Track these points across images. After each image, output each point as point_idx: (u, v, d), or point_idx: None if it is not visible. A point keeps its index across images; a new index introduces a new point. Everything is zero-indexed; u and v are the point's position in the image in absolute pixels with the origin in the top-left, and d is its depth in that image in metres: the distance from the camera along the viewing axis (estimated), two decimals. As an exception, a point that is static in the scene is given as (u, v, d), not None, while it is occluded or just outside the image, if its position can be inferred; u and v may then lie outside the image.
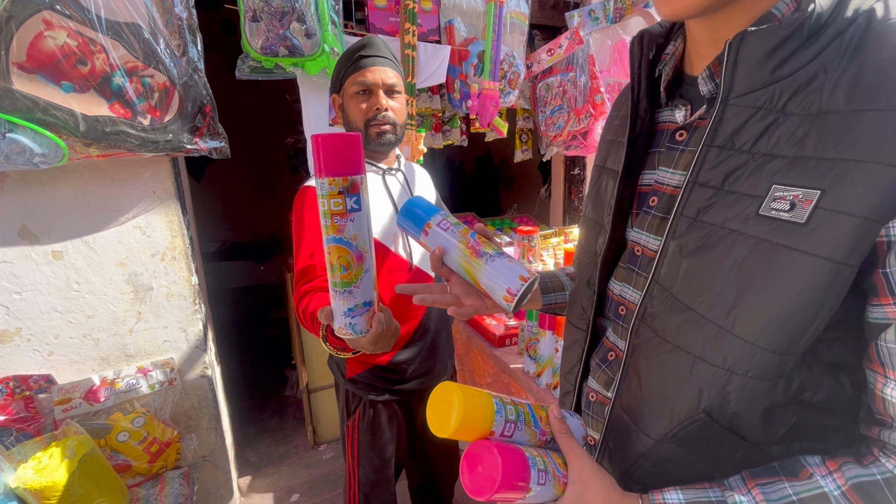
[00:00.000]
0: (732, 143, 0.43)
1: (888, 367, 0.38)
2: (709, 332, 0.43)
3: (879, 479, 0.38)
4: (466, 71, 1.82)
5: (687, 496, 0.44)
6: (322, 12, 1.50)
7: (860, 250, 0.35)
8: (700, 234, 0.44)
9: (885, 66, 0.35)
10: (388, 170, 1.17)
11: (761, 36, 0.40)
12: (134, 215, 1.43)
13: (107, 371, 1.47)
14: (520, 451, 0.47)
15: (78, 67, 1.20)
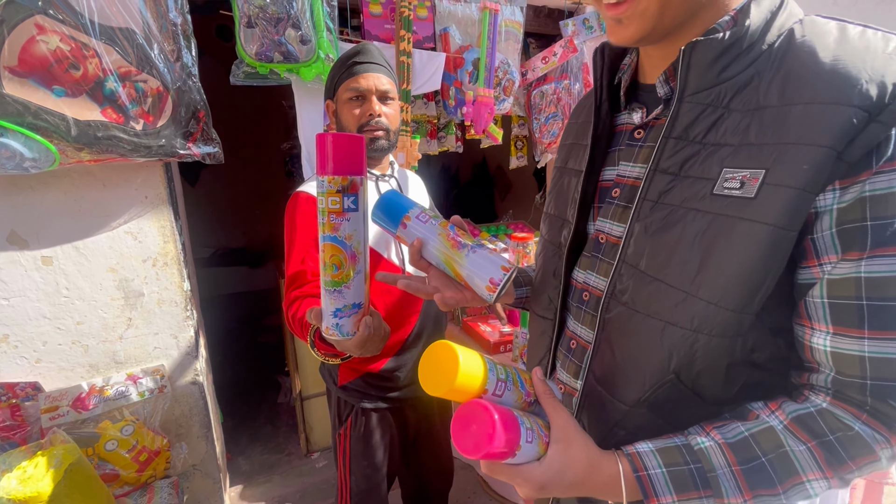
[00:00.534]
0: (687, 134, 0.50)
1: (814, 319, 0.46)
2: (676, 298, 0.49)
3: (813, 411, 0.46)
4: (461, 78, 1.83)
5: (655, 444, 0.50)
6: (317, 19, 1.50)
7: (799, 218, 0.43)
8: (662, 215, 0.50)
9: (805, 71, 0.44)
10: (381, 176, 1.17)
11: (709, 45, 0.48)
12: (125, 220, 1.42)
13: (96, 378, 1.44)
14: (509, 410, 0.48)
15: (70, 72, 1.20)
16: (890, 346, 0.42)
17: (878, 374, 0.43)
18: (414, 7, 1.66)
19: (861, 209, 0.42)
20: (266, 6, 1.41)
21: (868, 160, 0.41)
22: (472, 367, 0.47)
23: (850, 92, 0.41)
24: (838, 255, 0.43)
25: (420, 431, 1.30)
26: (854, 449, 0.44)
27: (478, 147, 2.28)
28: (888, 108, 0.40)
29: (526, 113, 2.20)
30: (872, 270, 0.42)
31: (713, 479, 0.46)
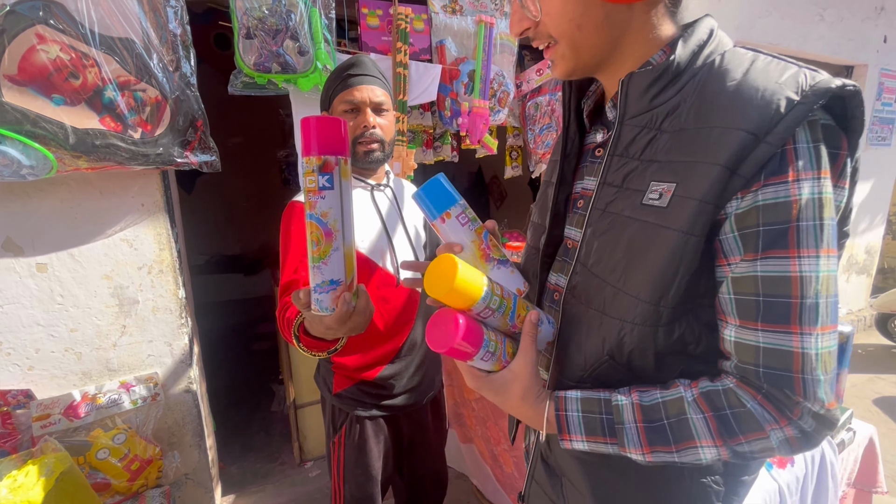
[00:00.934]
0: (627, 152, 0.57)
1: (726, 313, 0.51)
2: (609, 293, 0.56)
3: (720, 389, 0.52)
4: (457, 89, 1.85)
5: (584, 393, 0.58)
6: (315, 30, 1.52)
7: (700, 224, 0.49)
8: (607, 221, 0.58)
9: (715, 98, 0.50)
10: (376, 185, 1.18)
11: (642, 76, 0.55)
12: (121, 228, 1.42)
13: (88, 386, 1.44)
14: (480, 329, 0.57)
15: (70, 81, 1.21)
16: (779, 338, 0.48)
17: (769, 362, 0.49)
18: (411, 20, 1.69)
19: (755, 216, 0.47)
20: (265, 18, 1.44)
21: (759, 174, 0.47)
22: (464, 290, 0.54)
23: (742, 117, 0.47)
24: (740, 256, 0.49)
25: (414, 440, 1.30)
26: (745, 424, 0.50)
27: (473, 156, 2.30)
28: (773, 131, 0.46)
29: (521, 124, 2.22)
30: (766, 270, 0.48)
31: (619, 430, 0.54)
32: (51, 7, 1.18)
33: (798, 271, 0.47)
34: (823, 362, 0.48)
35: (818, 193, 0.46)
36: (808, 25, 3.05)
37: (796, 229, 0.46)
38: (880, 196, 3.97)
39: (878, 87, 3.58)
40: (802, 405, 0.48)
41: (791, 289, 0.47)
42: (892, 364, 3.41)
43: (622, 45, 0.56)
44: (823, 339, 0.47)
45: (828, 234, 0.47)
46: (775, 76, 0.48)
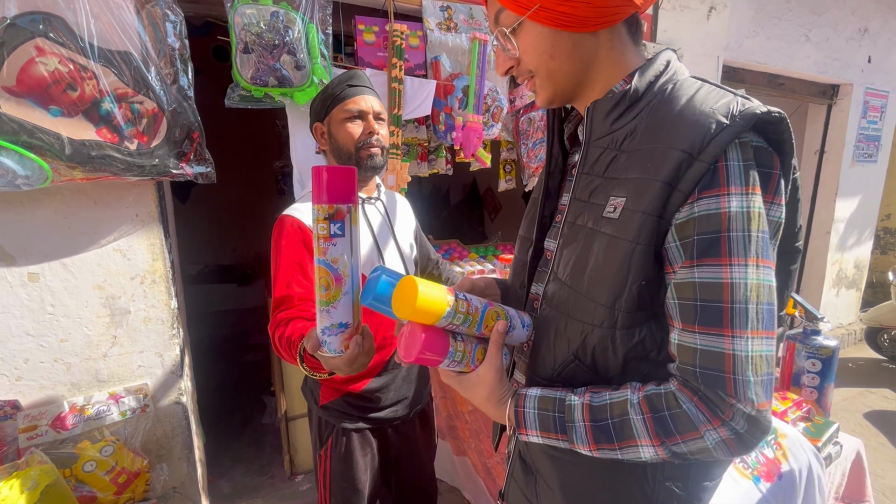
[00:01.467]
0: (593, 170, 0.63)
1: (672, 317, 0.56)
2: (574, 298, 0.61)
3: (662, 392, 0.56)
4: (451, 104, 1.88)
5: (542, 392, 0.63)
6: (312, 46, 1.55)
7: (644, 233, 0.54)
8: (574, 233, 0.63)
9: (661, 121, 0.56)
10: (367, 198, 1.19)
11: (604, 102, 0.61)
12: (115, 238, 1.42)
13: (77, 397, 1.42)
14: (446, 342, 0.61)
15: (67, 93, 1.22)
16: (712, 340, 0.52)
17: (704, 363, 0.52)
18: (406, 36, 1.72)
19: (692, 226, 0.52)
20: (262, 33, 1.46)
21: (694, 189, 0.52)
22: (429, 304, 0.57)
23: (680, 138, 0.53)
24: (681, 263, 0.54)
25: (402, 453, 1.29)
26: (680, 424, 0.53)
27: (468, 170, 2.33)
28: (705, 150, 0.51)
29: (514, 138, 2.26)
30: (702, 276, 0.52)
31: (569, 427, 0.59)
32: (51, 20, 1.19)
33: (729, 278, 0.51)
34: (754, 364, 0.51)
35: (747, 207, 0.51)
36: (794, 46, 3.14)
37: (727, 239, 0.51)
38: (867, 211, 4.04)
39: (863, 105, 3.67)
40: (734, 406, 0.51)
41: (723, 294, 0.51)
42: (882, 378, 3.43)
43: (592, 73, 0.63)
44: (754, 343, 0.51)
45: (756, 245, 0.51)
46: (711, 102, 0.54)
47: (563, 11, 0.56)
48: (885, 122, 3.87)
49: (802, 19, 3.13)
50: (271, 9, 1.48)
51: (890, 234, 4.91)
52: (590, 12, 0.56)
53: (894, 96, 3.88)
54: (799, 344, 1.50)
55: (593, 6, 0.55)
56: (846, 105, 3.61)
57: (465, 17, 1.88)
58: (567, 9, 0.55)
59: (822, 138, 3.75)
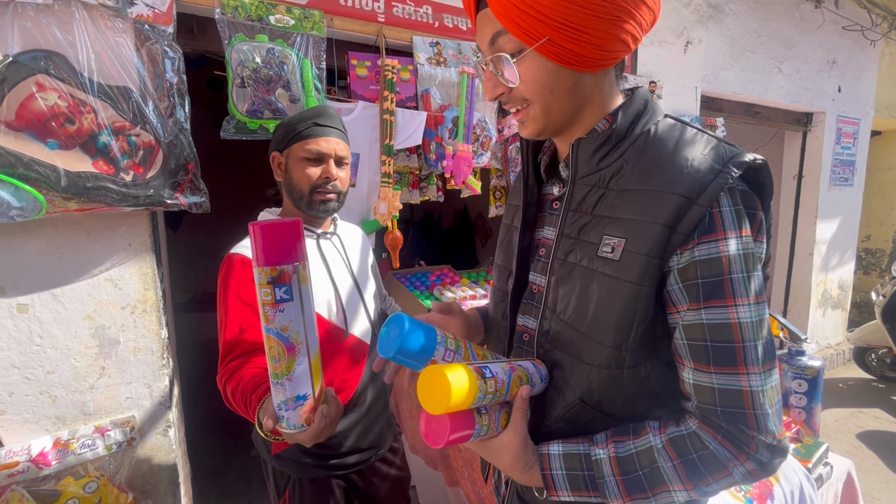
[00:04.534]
0: (581, 207, 0.64)
1: (682, 357, 0.57)
2: (578, 339, 0.61)
3: (685, 434, 0.57)
4: (442, 134, 1.94)
5: (565, 448, 0.62)
6: (307, 80, 1.61)
7: (648, 276, 0.56)
8: (567, 270, 0.64)
9: (653, 164, 0.58)
10: (322, 234, 1.15)
11: (589, 141, 0.63)
12: (107, 268, 1.42)
13: (61, 431, 1.39)
14: (472, 421, 0.58)
15: (66, 126, 1.25)
16: (729, 378, 0.54)
17: (724, 401, 0.54)
18: (397, 70, 1.79)
19: (694, 270, 0.54)
20: (259, 69, 1.52)
21: (693, 233, 0.54)
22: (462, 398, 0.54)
23: (678, 183, 0.55)
24: (686, 305, 0.56)
25: (373, 495, 1.20)
26: (710, 465, 0.55)
27: (459, 196, 2.38)
28: (703, 195, 0.53)
29: (503, 166, 2.32)
30: (710, 318, 0.54)
31: (601, 483, 0.59)
32: (52, 57, 1.23)
33: (736, 318, 0.53)
34: (769, 397, 0.54)
35: (743, 249, 0.54)
36: (767, 77, 3.29)
37: (730, 281, 0.53)
38: (847, 233, 4.15)
39: (836, 132, 3.83)
40: (757, 438, 0.54)
41: (732, 334, 0.53)
42: (873, 397, 3.46)
43: (582, 111, 0.64)
44: (766, 377, 0.54)
45: (755, 284, 0.54)
46: (700, 148, 0.57)
47: (571, 49, 0.55)
48: (858, 147, 4.04)
49: (774, 52, 3.30)
50: (267, 45, 1.53)
51: (871, 255, 5.04)
52: (595, 54, 0.56)
53: (865, 123, 4.06)
54: (785, 365, 1.53)
55: (600, 49, 0.55)
56: (820, 132, 3.77)
57: (454, 53, 1.96)
58: (576, 47, 0.55)
59: (800, 163, 3.89)
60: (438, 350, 0.61)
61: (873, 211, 4.81)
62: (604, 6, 0.52)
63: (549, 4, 0.51)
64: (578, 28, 0.53)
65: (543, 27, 0.53)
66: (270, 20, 1.56)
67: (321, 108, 1.13)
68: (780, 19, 3.28)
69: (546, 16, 0.52)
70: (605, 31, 0.54)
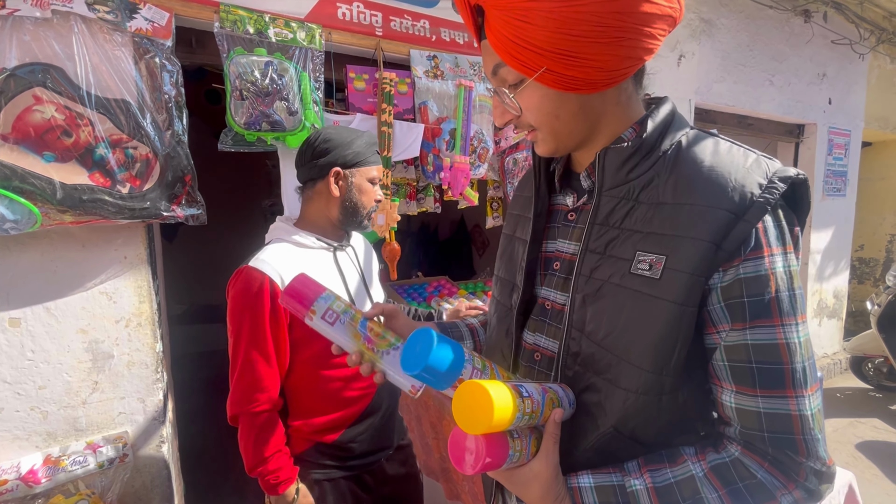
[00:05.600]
0: (608, 221, 0.60)
1: (721, 379, 0.54)
2: (613, 362, 0.57)
3: (728, 461, 0.53)
4: (439, 146, 1.95)
5: (596, 479, 0.57)
6: (305, 92, 1.61)
7: (693, 296, 0.52)
8: (594, 287, 0.59)
9: (690, 176, 0.55)
10: (339, 246, 1.21)
11: (617, 152, 0.59)
12: (102, 281, 1.41)
13: (52, 448, 1.36)
14: (505, 447, 0.54)
15: (62, 139, 1.25)
16: (777, 402, 0.51)
17: (772, 427, 0.51)
18: (395, 83, 1.80)
19: (739, 288, 0.51)
20: (257, 81, 1.52)
21: (739, 250, 0.51)
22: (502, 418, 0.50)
23: (722, 198, 0.52)
24: (729, 325, 0.53)
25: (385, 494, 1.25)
26: (758, 496, 0.51)
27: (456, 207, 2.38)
28: (749, 211, 0.51)
29: (500, 177, 2.33)
30: (756, 338, 0.51)
31: None
32: (50, 71, 1.23)
33: (784, 339, 0.51)
34: (818, 421, 0.52)
35: (788, 266, 0.52)
36: (759, 89, 3.34)
37: (777, 300, 0.51)
38: (841, 243, 4.18)
39: (828, 143, 3.88)
40: (805, 465, 0.51)
41: (781, 355, 0.51)
42: (870, 407, 3.46)
43: (598, 128, 0.61)
44: (814, 399, 0.52)
45: (800, 302, 0.52)
46: (741, 161, 0.55)
47: (572, 76, 0.52)
48: (849, 158, 4.09)
49: (765, 66, 3.35)
50: (266, 59, 1.54)
51: (865, 264, 5.07)
52: (600, 76, 0.53)
53: (856, 134, 4.12)
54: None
55: (604, 71, 0.52)
56: (812, 143, 3.82)
57: (451, 66, 1.98)
58: (577, 73, 0.52)
59: (793, 174, 3.94)
60: (466, 368, 0.58)
61: (866, 221, 4.86)
62: (603, 30, 0.49)
63: (541, 37, 0.50)
64: (575, 55, 0.51)
65: (540, 58, 0.51)
66: (269, 34, 1.57)
67: (373, 136, 1.23)
68: (771, 33, 3.34)
69: (540, 47, 0.51)
70: (608, 54, 0.51)
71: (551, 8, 0.48)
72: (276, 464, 1.05)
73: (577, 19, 0.48)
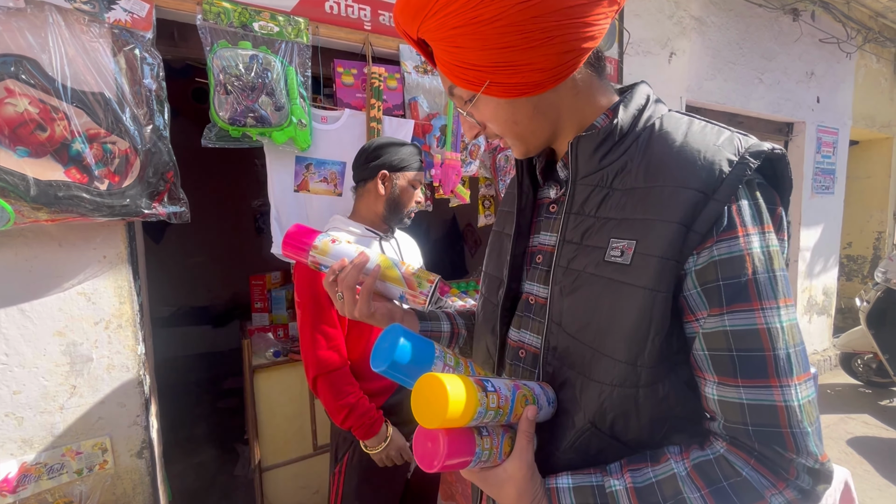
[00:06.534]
0: (583, 210, 0.59)
1: (703, 370, 0.51)
2: (589, 354, 0.55)
3: (712, 458, 0.50)
4: (430, 142, 1.92)
5: (575, 480, 0.55)
6: (291, 87, 1.58)
7: (664, 280, 0.50)
8: (571, 279, 0.58)
9: (660, 158, 0.54)
10: (383, 236, 1.38)
11: (589, 139, 0.58)
12: (80, 281, 1.36)
13: (28, 455, 1.31)
14: (472, 443, 0.52)
15: (36, 133, 1.20)
16: (761, 393, 0.48)
17: (756, 419, 0.48)
18: (384, 78, 1.77)
19: (714, 271, 0.49)
20: (241, 76, 1.48)
21: (711, 231, 0.49)
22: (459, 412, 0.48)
23: (690, 177, 0.50)
24: (707, 311, 0.50)
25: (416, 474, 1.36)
26: (744, 495, 0.48)
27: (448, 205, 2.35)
28: (720, 189, 0.49)
29: (492, 174, 2.31)
30: (735, 324, 0.48)
31: None
32: (23, 62, 1.18)
33: (764, 323, 0.48)
34: (807, 412, 0.48)
35: (766, 246, 0.49)
36: (748, 87, 3.36)
37: (754, 282, 0.48)
38: (830, 240, 4.22)
39: (816, 141, 3.91)
40: (796, 462, 0.47)
41: (761, 341, 0.48)
42: (861, 403, 3.48)
43: (562, 121, 0.61)
44: (802, 389, 0.48)
45: (782, 285, 0.49)
46: (712, 139, 0.53)
47: (515, 83, 0.53)
48: (837, 156, 4.13)
49: (755, 64, 3.37)
50: (250, 52, 1.50)
51: (853, 262, 5.13)
52: (542, 76, 0.53)
53: (844, 133, 4.16)
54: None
55: (544, 71, 0.52)
56: (801, 141, 3.84)
57: (442, 61, 1.95)
58: (518, 79, 0.53)
59: (783, 172, 3.96)
60: (436, 365, 0.58)
61: (854, 218, 4.91)
62: (526, 37, 0.49)
63: (475, 56, 0.52)
64: (510, 64, 0.51)
65: (481, 74, 0.53)
66: (254, 27, 1.53)
67: (419, 148, 1.39)
68: (760, 31, 3.36)
69: (477, 65, 0.52)
70: (541, 55, 0.51)
71: (473, 30, 0.50)
72: (362, 408, 1.20)
73: (498, 34, 0.49)
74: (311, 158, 1.71)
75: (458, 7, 0.49)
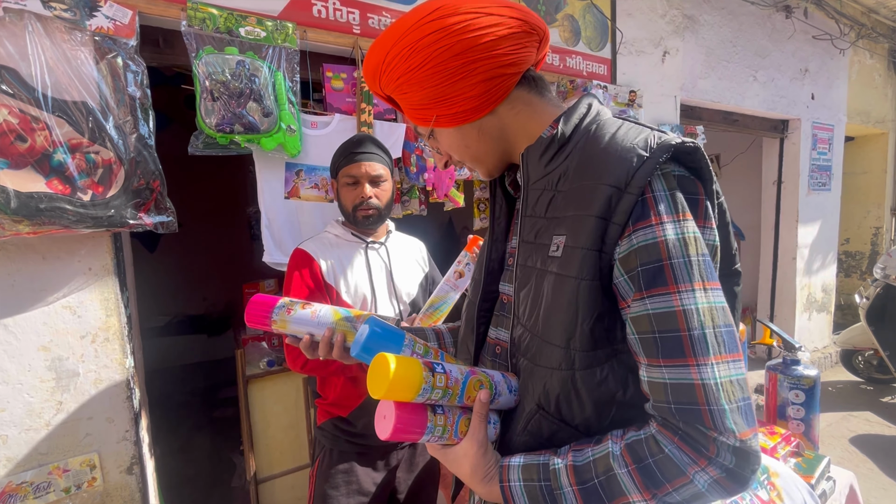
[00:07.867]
0: (535, 212, 0.64)
1: (637, 353, 0.55)
2: (536, 343, 0.61)
3: (643, 437, 0.53)
4: (422, 146, 1.90)
5: (526, 459, 0.59)
6: (280, 93, 1.55)
7: (585, 268, 0.55)
8: (527, 275, 0.64)
9: (588, 159, 0.59)
10: (371, 242, 1.32)
11: (535, 147, 0.64)
12: (64, 294, 1.33)
13: (13, 474, 1.28)
14: (423, 418, 0.58)
15: (16, 144, 1.17)
16: (680, 372, 0.50)
17: (677, 398, 0.50)
18: (375, 82, 1.75)
19: (634, 258, 0.53)
20: (228, 82, 1.46)
21: (628, 221, 0.53)
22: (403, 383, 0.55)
23: (607, 173, 0.55)
24: (632, 296, 0.54)
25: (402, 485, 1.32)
26: (666, 470, 0.50)
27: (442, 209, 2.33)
28: (631, 182, 0.53)
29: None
30: (655, 307, 0.52)
31: (558, 496, 0.55)
32: (1, 72, 1.16)
33: (680, 305, 0.51)
34: (726, 391, 0.50)
35: (682, 233, 0.53)
36: (743, 85, 3.35)
37: (670, 267, 0.52)
38: (828, 237, 4.21)
39: (812, 138, 3.90)
40: (717, 440, 0.49)
41: (677, 322, 0.51)
42: (862, 400, 3.46)
43: (510, 139, 0.68)
44: (721, 369, 0.50)
45: (699, 269, 0.52)
46: (631, 138, 0.57)
47: (455, 112, 0.63)
48: (833, 153, 4.12)
49: (748, 61, 3.36)
50: (237, 58, 1.48)
51: (851, 258, 5.12)
52: (475, 103, 0.62)
53: (839, 129, 4.15)
54: (780, 375, 1.49)
55: (474, 98, 0.62)
56: (797, 138, 3.83)
57: (433, 64, 1.93)
58: (456, 109, 0.63)
59: (779, 169, 3.95)
60: (404, 351, 0.66)
61: (851, 215, 4.90)
62: (448, 74, 0.59)
63: (416, 98, 0.63)
64: (445, 98, 0.62)
65: (427, 111, 0.64)
66: (240, 32, 1.51)
67: (358, 136, 1.33)
68: (753, 29, 3.35)
69: (421, 104, 0.64)
70: (468, 86, 0.60)
71: (410, 76, 0.61)
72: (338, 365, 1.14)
73: (428, 76, 0.60)
74: (302, 164, 1.68)
75: (396, 63, 0.61)
